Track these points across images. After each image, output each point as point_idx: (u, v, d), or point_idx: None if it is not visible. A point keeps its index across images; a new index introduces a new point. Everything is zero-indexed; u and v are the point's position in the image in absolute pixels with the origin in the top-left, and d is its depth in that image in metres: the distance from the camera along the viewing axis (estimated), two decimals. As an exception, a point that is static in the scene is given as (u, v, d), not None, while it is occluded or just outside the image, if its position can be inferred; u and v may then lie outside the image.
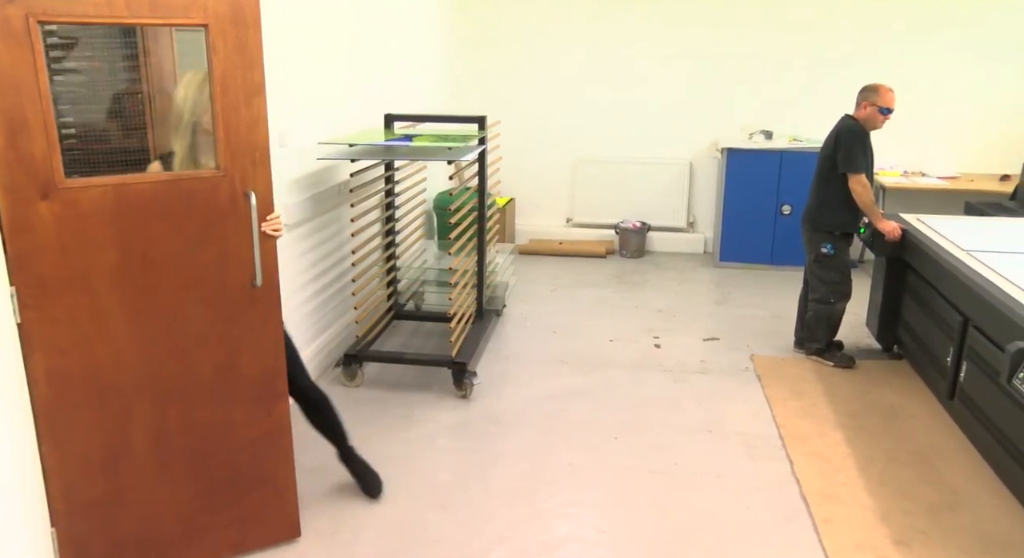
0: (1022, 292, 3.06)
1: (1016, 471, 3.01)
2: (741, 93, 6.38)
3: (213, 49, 2.30)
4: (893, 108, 4.09)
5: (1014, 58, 5.98)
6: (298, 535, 2.83)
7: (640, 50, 6.40)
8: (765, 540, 2.85)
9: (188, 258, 2.39)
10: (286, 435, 2.72)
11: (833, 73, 6.14)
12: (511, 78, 6.54)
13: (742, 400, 3.94)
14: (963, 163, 6.17)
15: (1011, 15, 5.92)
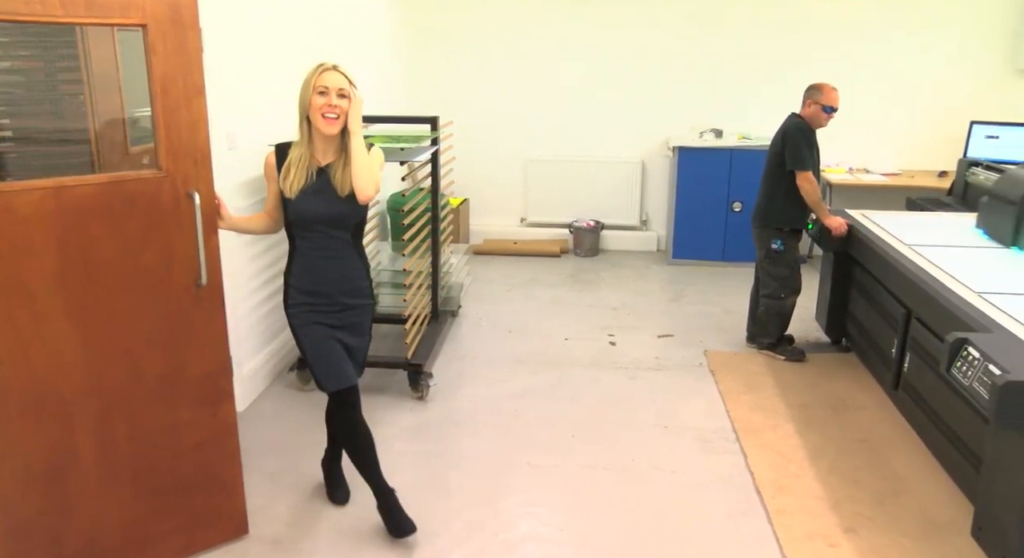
0: (960, 285, 3.16)
1: (955, 457, 3.10)
2: (691, 92, 6.46)
3: (152, 50, 2.28)
4: (837, 107, 4.18)
5: (949, 60, 6.17)
6: (245, 532, 2.82)
7: (591, 50, 6.45)
8: (721, 533, 2.89)
9: (131, 260, 2.36)
10: (232, 435, 2.71)
11: (780, 72, 6.25)
12: (463, 78, 6.53)
13: (696, 395, 4.00)
14: (904, 160, 6.35)
15: (947, 18, 6.10)
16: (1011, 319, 2.76)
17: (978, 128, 5.81)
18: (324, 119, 2.48)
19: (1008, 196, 3.77)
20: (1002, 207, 3.80)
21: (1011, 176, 3.87)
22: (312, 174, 2.57)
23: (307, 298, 2.66)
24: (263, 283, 3.96)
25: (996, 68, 6.15)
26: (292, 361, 4.08)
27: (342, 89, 2.49)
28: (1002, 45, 6.11)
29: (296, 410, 3.79)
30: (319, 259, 2.64)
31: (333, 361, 2.69)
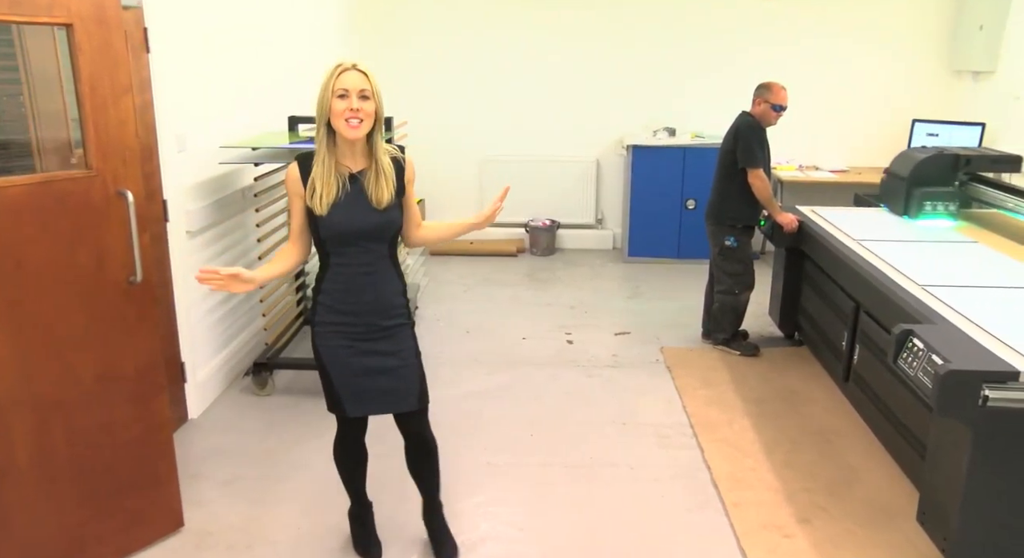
0: (905, 278, 3.24)
1: (902, 445, 3.19)
2: (645, 92, 6.53)
3: (79, 49, 2.28)
4: (786, 105, 4.26)
5: (891, 62, 6.33)
6: (181, 525, 2.84)
7: (545, 50, 6.47)
8: (679, 526, 2.93)
9: (64, 260, 2.35)
10: (166, 428, 2.72)
11: (731, 72, 6.35)
12: (417, 79, 6.50)
13: (653, 391, 4.04)
14: (851, 158, 6.50)
15: (888, 21, 6.26)
16: (953, 311, 2.84)
17: (920, 126, 5.98)
18: (347, 124, 2.24)
19: (900, 173, 4.34)
20: (896, 183, 4.36)
21: (904, 155, 4.45)
22: (344, 183, 2.32)
23: (339, 318, 2.40)
24: (216, 287, 3.90)
25: (935, 69, 6.33)
26: (248, 366, 4.02)
27: (363, 90, 2.25)
28: (940, 47, 6.29)
29: (251, 416, 3.74)
30: (357, 276, 2.38)
31: (358, 388, 2.46)
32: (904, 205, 4.28)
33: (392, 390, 2.48)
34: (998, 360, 2.41)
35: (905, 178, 4.26)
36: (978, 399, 2.33)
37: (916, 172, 4.24)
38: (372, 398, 2.48)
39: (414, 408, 2.53)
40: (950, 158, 4.26)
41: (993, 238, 3.92)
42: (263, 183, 4.15)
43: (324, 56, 5.56)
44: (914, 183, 4.24)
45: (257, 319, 4.30)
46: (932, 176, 4.24)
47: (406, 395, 2.50)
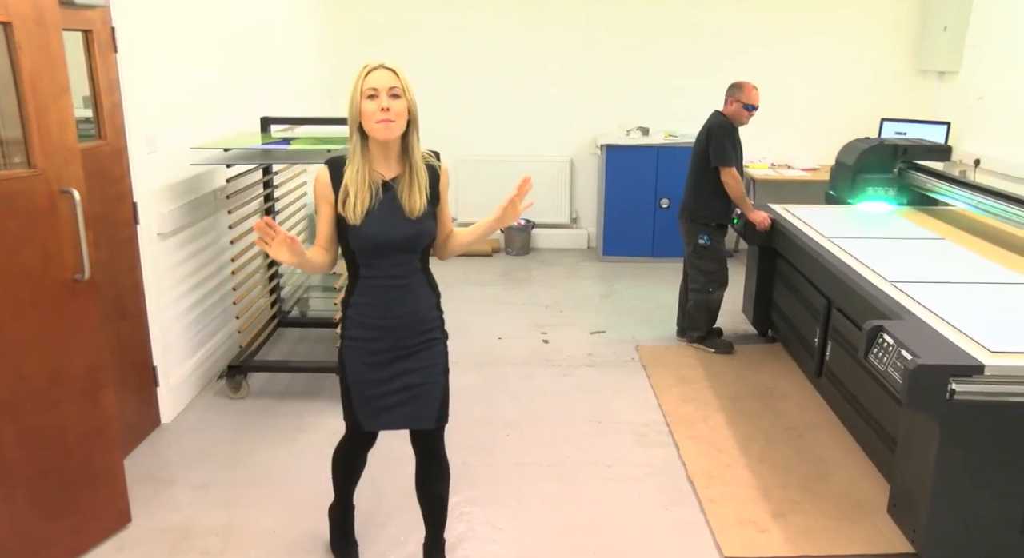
0: (875, 274, 3.29)
1: (873, 439, 3.23)
2: (618, 91, 6.56)
3: (20, 48, 2.28)
4: (758, 105, 4.31)
5: (860, 61, 6.42)
6: (128, 521, 2.85)
7: (518, 51, 6.48)
8: (656, 524, 2.95)
9: (10, 260, 2.34)
10: (111, 424, 2.73)
11: (704, 72, 6.40)
12: (391, 79, 6.47)
13: (629, 390, 4.06)
14: (822, 156, 6.56)
15: (856, 21, 6.34)
16: (921, 306, 2.89)
17: (888, 125, 6.06)
18: (379, 124, 2.13)
19: (846, 161, 4.69)
20: (843, 171, 4.73)
21: (850, 146, 4.80)
22: (377, 192, 2.20)
23: (367, 333, 2.30)
24: (190, 289, 3.86)
25: (902, 69, 6.43)
26: (222, 369, 3.98)
27: (393, 88, 2.13)
28: (906, 48, 6.39)
29: (225, 419, 3.71)
30: (389, 289, 2.27)
31: (378, 406, 2.35)
32: (850, 191, 4.64)
33: (411, 406, 2.37)
34: (964, 354, 2.45)
35: (850, 166, 4.62)
36: (945, 393, 2.38)
37: (860, 161, 4.61)
38: (389, 413, 2.37)
39: (430, 427, 2.42)
40: (889, 148, 4.66)
41: (959, 235, 3.99)
42: (235, 185, 4.11)
43: (297, 56, 5.53)
44: (858, 171, 4.62)
45: (231, 321, 4.27)
46: (874, 164, 4.63)
47: (425, 413, 2.39)
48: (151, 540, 2.80)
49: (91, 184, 3.08)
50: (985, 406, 2.41)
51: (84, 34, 3.08)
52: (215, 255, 4.13)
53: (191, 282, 3.89)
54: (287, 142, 3.99)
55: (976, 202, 4.07)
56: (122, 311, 3.35)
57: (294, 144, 3.95)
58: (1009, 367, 2.40)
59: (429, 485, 2.55)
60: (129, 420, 3.39)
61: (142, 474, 3.22)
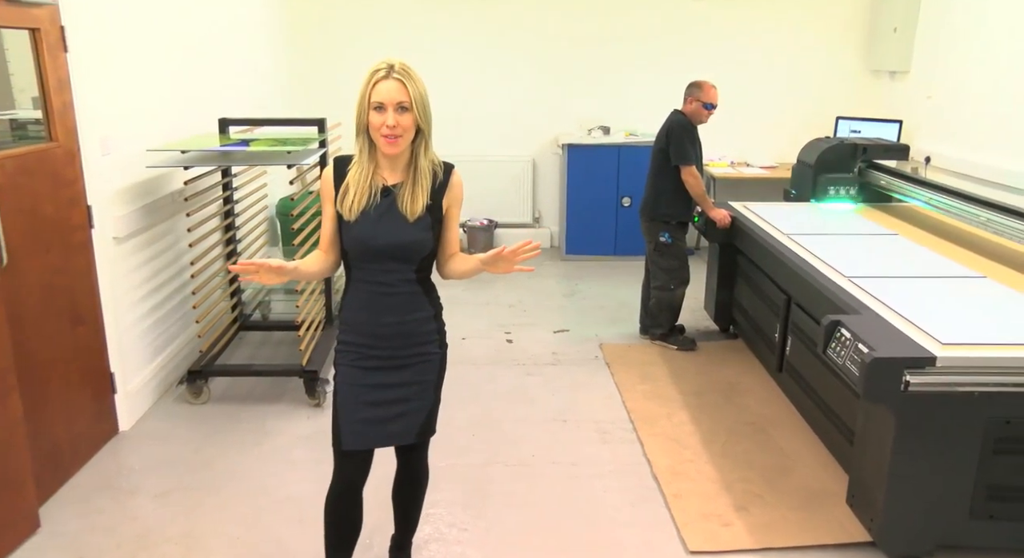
0: (832, 270, 3.35)
1: (832, 432, 3.30)
2: (579, 91, 6.59)
3: None
4: (716, 104, 4.36)
5: (815, 60, 6.53)
6: (38, 526, 2.81)
7: (481, 50, 6.48)
8: (621, 520, 2.97)
9: None
10: (19, 428, 2.69)
11: (663, 71, 6.45)
12: (351, 79, 6.39)
13: (593, 388, 4.08)
14: (780, 154, 6.68)
15: (811, 21, 6.45)
16: (876, 301, 2.95)
17: (843, 123, 6.17)
18: (384, 140, 2.08)
19: (807, 161, 4.72)
20: (804, 170, 4.76)
21: (810, 146, 4.81)
22: (376, 194, 2.15)
23: (357, 339, 2.24)
24: (148, 293, 3.79)
25: (855, 69, 6.56)
26: (182, 374, 3.92)
27: (401, 102, 2.06)
28: (859, 48, 6.52)
29: (186, 426, 3.65)
30: (377, 296, 2.20)
31: (361, 418, 2.25)
32: (811, 190, 4.65)
33: (396, 422, 2.30)
34: (918, 347, 2.51)
35: (812, 166, 4.64)
36: (900, 384, 2.43)
37: (820, 160, 4.64)
38: (374, 429, 2.28)
39: (411, 442, 2.36)
40: (849, 147, 4.70)
41: (912, 231, 4.09)
42: (194, 187, 4.05)
43: (256, 57, 5.46)
44: (819, 170, 4.64)
45: (191, 326, 4.20)
46: (834, 163, 4.66)
47: (408, 428, 2.32)
48: (113, 550, 2.75)
49: (42, 187, 3.02)
50: (937, 397, 2.47)
51: (31, 32, 3.00)
52: (174, 258, 4.06)
53: (149, 286, 3.82)
54: (246, 144, 3.95)
55: (928, 198, 4.17)
56: (77, 317, 3.27)
57: (253, 146, 3.91)
58: (959, 358, 2.46)
59: (407, 492, 2.53)
60: (85, 428, 3.32)
61: (100, 483, 3.16)
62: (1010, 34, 4.89)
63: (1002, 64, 4.95)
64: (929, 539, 2.67)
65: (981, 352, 2.49)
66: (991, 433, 2.55)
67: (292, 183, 4.69)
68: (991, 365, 2.47)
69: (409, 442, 2.36)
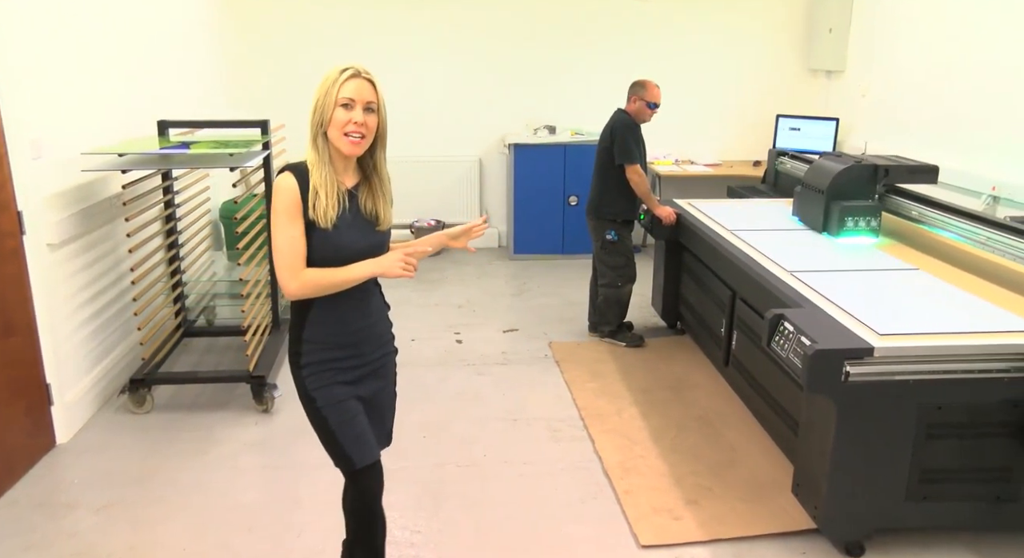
0: (776, 265, 3.43)
1: (778, 424, 3.37)
2: (525, 91, 6.61)
3: None
4: (659, 102, 4.42)
5: (756, 60, 6.67)
6: None
7: (424, 51, 6.45)
8: (573, 517, 2.99)
9: None
10: None
11: (609, 70, 6.51)
12: (293, 79, 6.34)
13: (543, 386, 4.10)
14: (723, 152, 6.80)
15: (751, 21, 6.59)
16: (817, 294, 3.02)
17: (783, 121, 6.32)
18: (347, 139, 2.02)
19: (817, 185, 3.96)
20: (812, 196, 4.00)
21: (819, 167, 4.04)
22: (344, 198, 2.08)
23: (332, 354, 2.15)
24: (86, 301, 3.68)
25: (794, 68, 6.72)
26: (123, 383, 3.82)
27: (370, 102, 2.03)
28: (797, 48, 6.68)
29: (129, 436, 3.56)
30: (352, 303, 2.14)
31: (362, 430, 2.19)
32: (824, 221, 3.92)
33: (379, 427, 2.29)
34: (857, 338, 2.58)
35: (823, 191, 3.89)
36: (841, 375, 2.50)
37: (835, 185, 3.85)
38: (373, 437, 2.24)
39: (385, 446, 2.36)
40: (868, 169, 3.90)
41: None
42: (133, 191, 3.95)
43: (193, 57, 5.35)
44: (833, 197, 3.87)
45: (132, 333, 4.09)
46: (850, 189, 3.88)
47: (388, 430, 2.37)
48: (50, 566, 2.67)
49: (-30, 193, 2.91)
50: (875, 386, 2.55)
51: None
52: (113, 264, 3.95)
53: (87, 294, 3.71)
54: (187, 146, 3.86)
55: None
56: (9, 327, 3.16)
57: (194, 148, 3.82)
58: (895, 348, 2.54)
59: None
60: (17, 442, 3.21)
61: (36, 500, 3.05)
62: (939, 34, 5.06)
63: (931, 63, 5.13)
64: (869, 523, 2.76)
65: (915, 342, 2.57)
66: (924, 419, 2.64)
67: (235, 186, 4.62)
68: (924, 354, 2.55)
69: (384, 446, 2.35)
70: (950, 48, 4.94)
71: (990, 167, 4.54)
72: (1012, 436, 2.69)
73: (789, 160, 5.23)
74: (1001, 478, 2.74)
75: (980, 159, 4.65)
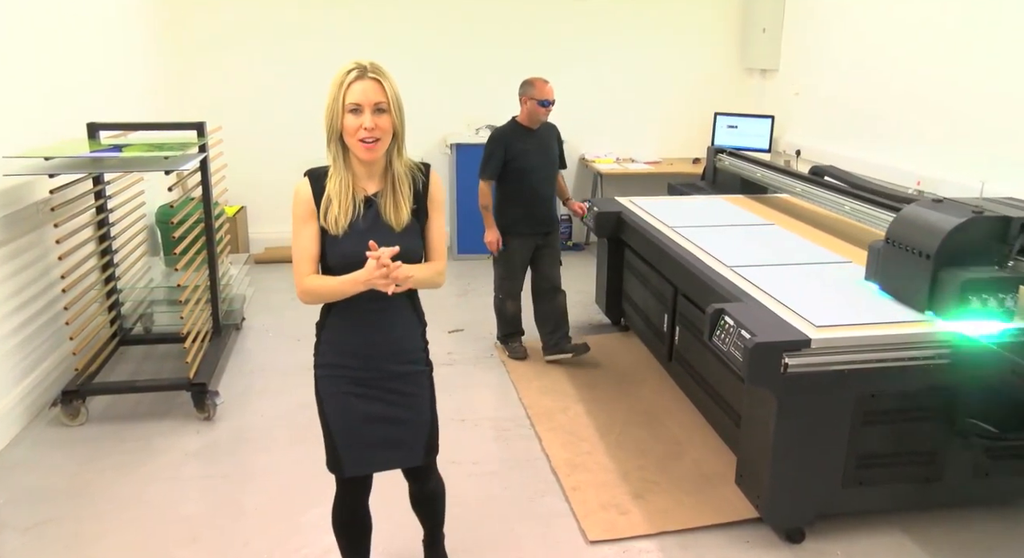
0: (715, 260, 3.49)
1: (721, 416, 3.44)
2: (464, 90, 6.59)
3: None
4: (552, 99, 4.19)
5: (693, 58, 6.79)
6: None
7: (362, 52, 6.35)
8: (522, 515, 3.00)
9: None
10: None
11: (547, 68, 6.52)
12: (230, 81, 6.22)
13: (490, 386, 4.10)
14: (663, 149, 6.90)
15: (688, 21, 6.70)
16: (757, 288, 3.09)
17: (721, 119, 6.45)
18: (363, 145, 1.97)
19: (918, 245, 2.79)
20: (908, 260, 2.84)
21: (916, 219, 2.87)
22: (359, 206, 2.04)
23: (343, 360, 2.14)
24: (12, 311, 3.55)
25: (730, 67, 6.86)
26: (55, 395, 3.69)
27: (379, 103, 1.97)
28: (732, 47, 6.82)
29: (62, 450, 3.44)
30: (367, 313, 2.11)
31: (359, 441, 2.18)
32: (929, 295, 2.75)
33: (397, 444, 2.23)
34: (795, 331, 2.65)
35: (931, 256, 2.72)
36: (780, 367, 2.56)
37: (949, 246, 2.71)
38: (374, 453, 2.21)
39: (419, 464, 2.30)
40: (998, 224, 2.73)
41: (786, 220, 4.30)
42: (62, 195, 3.82)
43: (126, 57, 5.19)
44: (946, 262, 2.73)
45: (64, 343, 3.96)
46: (971, 251, 2.73)
47: (412, 449, 2.26)
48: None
49: None
50: (813, 376, 2.62)
51: None
52: (42, 272, 3.82)
53: (13, 303, 3.58)
54: (119, 149, 3.75)
55: (801, 190, 4.39)
56: (-67, 339, 3.03)
57: (127, 151, 3.72)
58: (831, 339, 2.61)
59: (427, 508, 2.52)
60: (-52, 459, 3.08)
61: (-37, 518, 2.94)
62: (867, 35, 5.23)
63: (860, 62, 5.29)
64: (809, 510, 2.84)
65: (850, 332, 2.65)
66: (860, 407, 2.73)
67: (171, 190, 4.51)
68: (858, 344, 2.63)
69: (416, 464, 2.30)
70: (877, 48, 5.11)
71: (915, 162, 4.71)
72: (938, 420, 2.81)
73: (727, 157, 5.33)
74: (928, 461, 2.86)
75: (906, 155, 4.82)
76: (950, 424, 2.80)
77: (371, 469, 2.25)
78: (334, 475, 2.25)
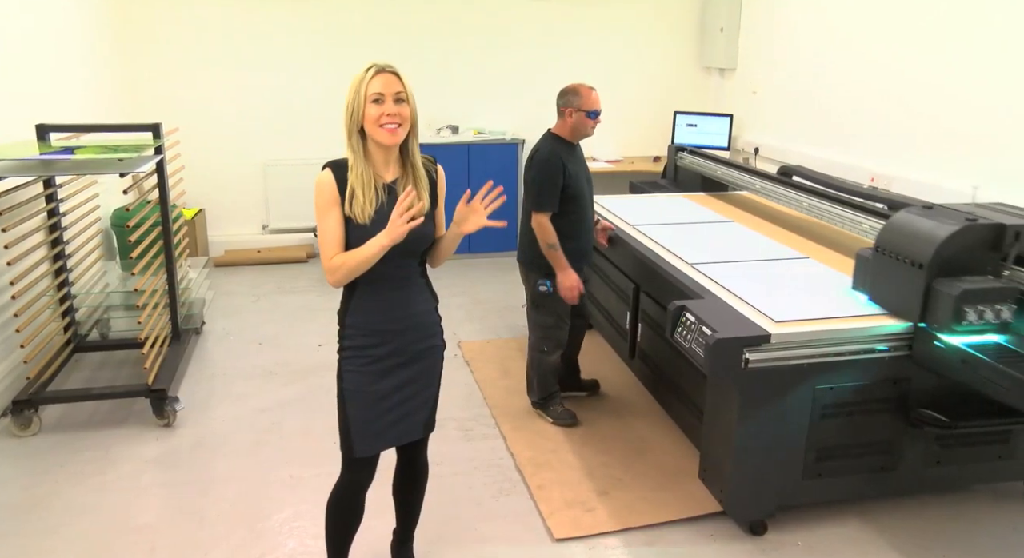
0: (676, 258, 3.52)
1: (684, 412, 3.47)
2: (427, 91, 6.53)
3: None
4: (600, 108, 3.59)
5: (653, 57, 6.84)
6: None
7: (325, 50, 6.32)
8: (487, 515, 2.99)
9: None
10: None
11: (508, 68, 6.55)
12: (187, 82, 6.11)
13: (454, 386, 4.09)
14: (624, 148, 6.94)
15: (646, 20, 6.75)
16: (717, 285, 3.12)
17: (681, 117, 6.51)
18: (384, 130, 2.13)
19: (910, 254, 2.70)
20: (899, 270, 2.75)
21: (906, 226, 2.78)
22: (382, 193, 2.19)
23: (370, 340, 2.24)
24: (-40, 319, 3.45)
25: (689, 66, 6.93)
26: (5, 405, 3.59)
27: (399, 92, 2.16)
28: (691, 46, 6.89)
29: (12, 462, 3.35)
30: (388, 292, 2.24)
31: (375, 423, 2.28)
32: (923, 307, 2.67)
33: (405, 417, 2.33)
34: (755, 326, 2.68)
35: (924, 265, 2.64)
36: (741, 362, 2.59)
37: (943, 254, 2.62)
38: (384, 434, 2.31)
39: (418, 437, 2.42)
40: (991, 231, 2.65)
41: (746, 217, 4.36)
42: (10, 199, 3.72)
43: (74, 59, 5.08)
44: (940, 271, 2.64)
45: (15, 351, 3.86)
46: (966, 260, 2.65)
47: (415, 424, 2.37)
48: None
49: None
50: (773, 371, 2.65)
51: None
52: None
53: (-37, 311, 3.48)
54: (71, 151, 3.67)
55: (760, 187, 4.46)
56: None
57: (79, 153, 3.63)
58: (790, 334, 2.65)
59: (410, 488, 2.58)
60: None
61: (-89, 534, 2.84)
62: (822, 34, 5.32)
63: (816, 61, 5.38)
64: (771, 502, 2.88)
65: (808, 327, 2.69)
66: (818, 400, 2.78)
67: (127, 192, 4.41)
68: (816, 338, 2.68)
69: (416, 438, 2.40)
70: (832, 47, 5.20)
71: (869, 160, 4.81)
72: (892, 411, 2.87)
73: (688, 155, 5.37)
74: (884, 450, 2.92)
75: (860, 152, 4.91)
76: (904, 414, 2.86)
77: (379, 449, 2.34)
78: (343, 454, 2.33)
